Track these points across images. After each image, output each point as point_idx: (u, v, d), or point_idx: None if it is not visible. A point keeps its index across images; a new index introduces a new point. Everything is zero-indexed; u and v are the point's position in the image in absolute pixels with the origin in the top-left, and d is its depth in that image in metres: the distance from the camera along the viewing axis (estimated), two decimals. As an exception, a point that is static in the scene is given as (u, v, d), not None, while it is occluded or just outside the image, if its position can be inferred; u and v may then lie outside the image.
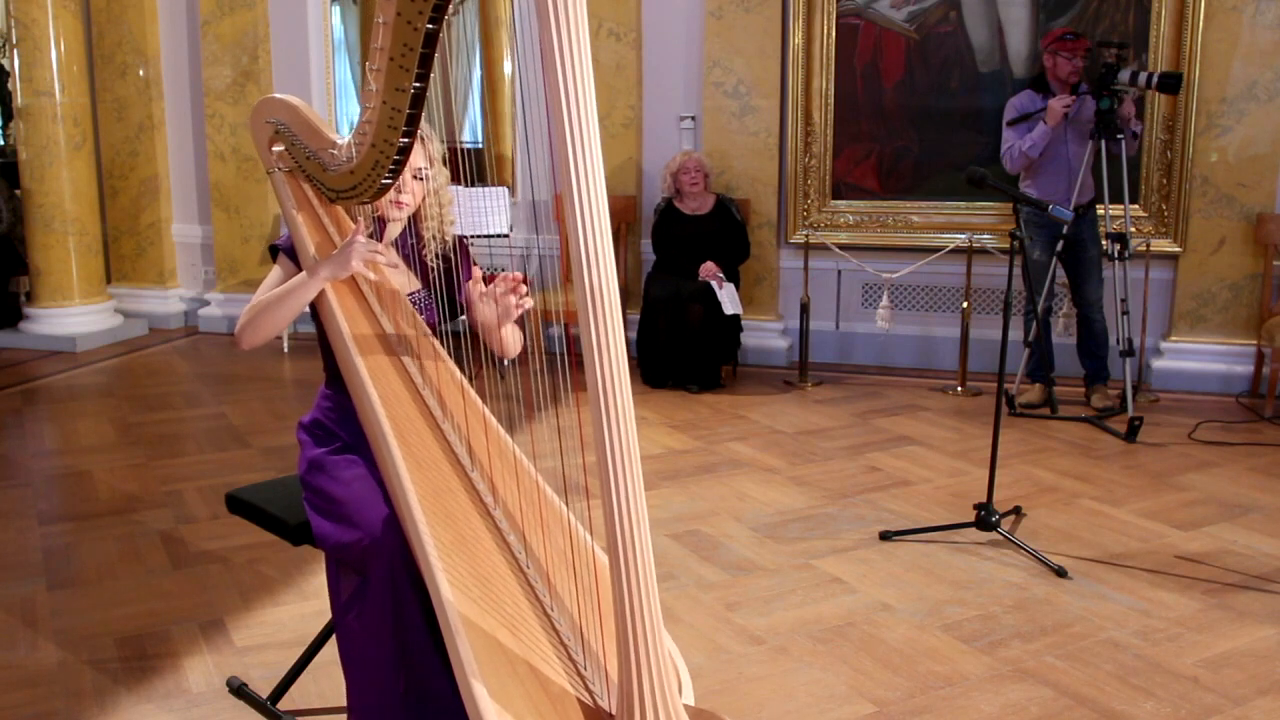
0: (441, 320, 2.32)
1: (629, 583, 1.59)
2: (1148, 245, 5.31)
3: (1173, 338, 5.44)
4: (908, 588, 3.20)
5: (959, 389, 5.45)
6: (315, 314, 2.25)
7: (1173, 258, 5.42)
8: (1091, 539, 3.57)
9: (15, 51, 6.36)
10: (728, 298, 5.41)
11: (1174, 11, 5.23)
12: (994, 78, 5.60)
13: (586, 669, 1.78)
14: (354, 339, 2.13)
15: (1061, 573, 3.27)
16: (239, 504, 2.44)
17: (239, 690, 2.57)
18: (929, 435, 4.73)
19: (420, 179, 2.26)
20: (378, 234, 2.31)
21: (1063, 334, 5.44)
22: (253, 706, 2.52)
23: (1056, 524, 3.70)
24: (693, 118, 6.02)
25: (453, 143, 6.74)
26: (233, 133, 6.80)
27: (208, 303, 7.09)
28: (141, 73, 6.92)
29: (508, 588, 1.87)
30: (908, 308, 5.90)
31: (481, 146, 7.09)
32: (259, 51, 6.68)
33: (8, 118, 7.66)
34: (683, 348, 5.44)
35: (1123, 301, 4.93)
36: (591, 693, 1.75)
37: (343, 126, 6.84)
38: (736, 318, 5.48)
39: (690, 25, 5.94)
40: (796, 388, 5.58)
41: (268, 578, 3.25)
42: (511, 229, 6.15)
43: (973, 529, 3.52)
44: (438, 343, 2.26)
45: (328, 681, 2.58)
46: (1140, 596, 3.13)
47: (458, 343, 2.22)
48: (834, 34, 5.75)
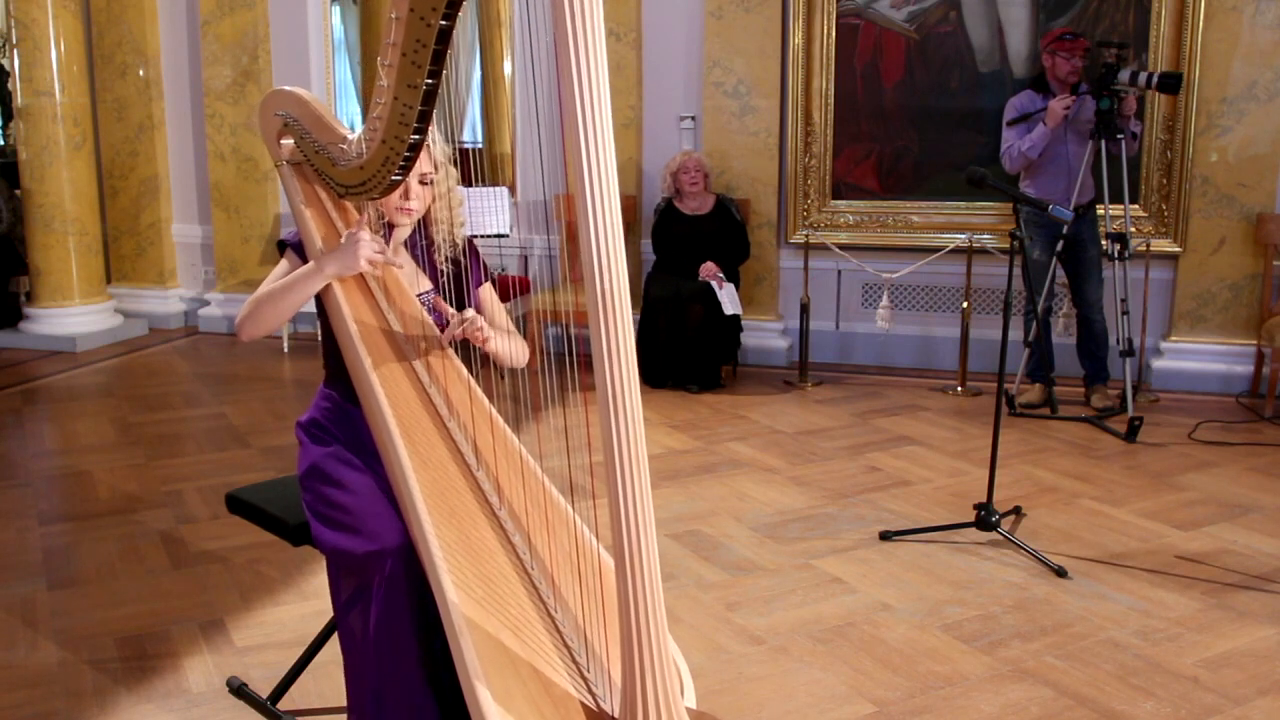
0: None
1: (635, 586, 1.59)
2: (1148, 245, 5.31)
3: (1173, 338, 5.44)
4: (908, 588, 3.20)
5: (959, 389, 5.45)
6: (321, 310, 2.24)
7: (1173, 258, 5.42)
8: (1091, 539, 3.57)
9: (15, 51, 6.35)
10: (728, 298, 5.41)
11: (1174, 11, 5.23)
12: (994, 78, 5.60)
13: (590, 671, 1.78)
14: (361, 336, 2.12)
15: (1061, 573, 3.27)
16: (239, 504, 2.44)
17: (239, 690, 2.57)
18: (929, 435, 4.74)
19: (426, 184, 2.25)
20: (386, 235, 2.31)
21: (1063, 334, 5.44)
22: (253, 706, 2.52)
23: (1056, 524, 3.70)
24: (693, 118, 6.02)
25: (453, 142, 6.74)
26: (233, 133, 6.79)
27: (208, 303, 7.09)
28: (141, 73, 6.91)
29: (512, 588, 1.86)
30: (908, 308, 5.90)
31: (481, 146, 7.09)
32: (259, 51, 6.68)
33: (8, 118, 7.66)
34: (683, 348, 5.44)
35: (1123, 301, 4.93)
36: (595, 695, 1.74)
37: (342, 126, 6.83)
38: (736, 318, 5.48)
39: (690, 25, 5.94)
40: (796, 388, 5.58)
41: (268, 578, 3.25)
42: (512, 229, 6.15)
43: (973, 529, 3.53)
44: (445, 341, 2.25)
45: (328, 681, 2.58)
46: (1140, 596, 3.14)
47: (464, 343, 2.22)
48: (834, 34, 5.75)
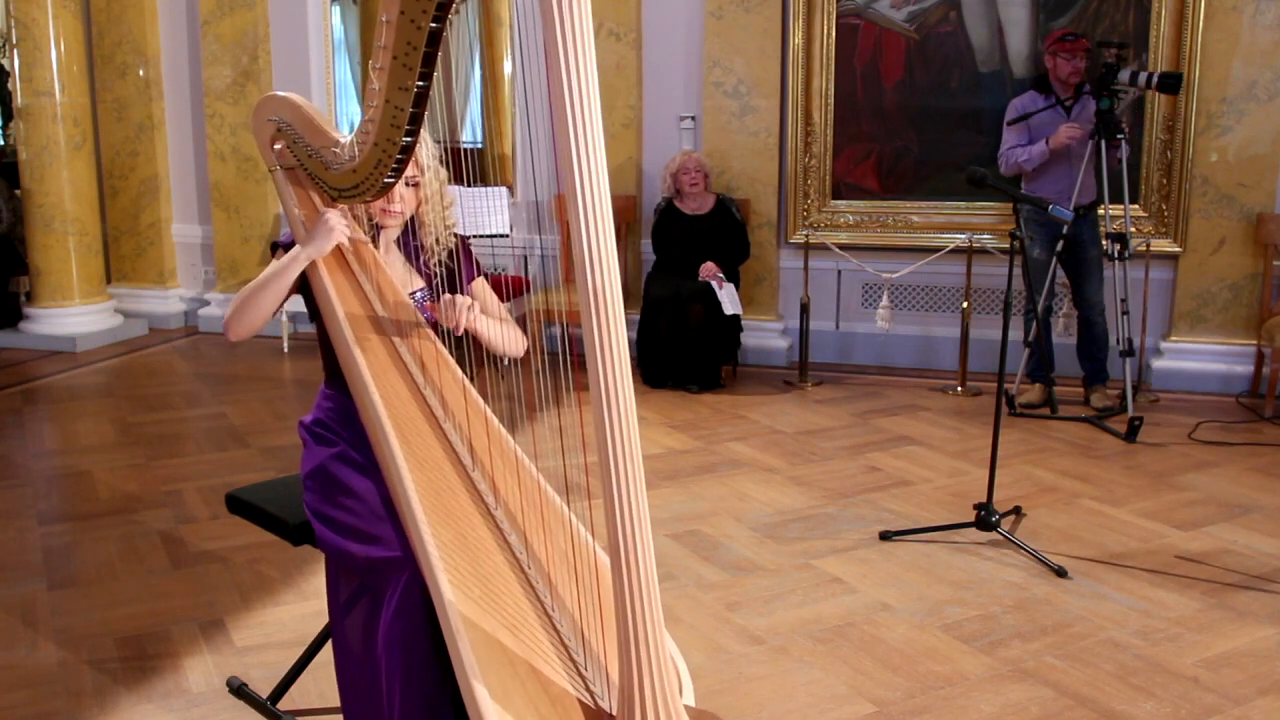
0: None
1: (630, 583, 1.59)
2: (1148, 245, 5.31)
3: (1173, 338, 5.44)
4: (908, 588, 3.20)
5: (959, 389, 5.45)
6: (316, 313, 2.25)
7: (1173, 258, 5.42)
8: (1091, 539, 3.57)
9: (15, 51, 6.35)
10: (728, 298, 5.40)
11: (1174, 11, 5.23)
12: (994, 78, 5.60)
13: (587, 669, 1.78)
14: (355, 338, 2.13)
15: (1061, 573, 3.27)
16: (239, 504, 2.44)
17: (239, 690, 2.57)
18: (929, 435, 4.73)
19: (412, 185, 2.25)
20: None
21: (1063, 334, 5.44)
22: (253, 706, 2.53)
23: (1056, 524, 3.70)
24: (693, 118, 6.02)
25: (453, 142, 6.76)
26: (233, 133, 6.80)
27: (208, 303, 7.09)
28: (141, 73, 6.92)
29: (509, 588, 1.86)
30: (908, 308, 5.90)
31: (482, 146, 7.09)
32: (259, 51, 6.68)
33: (8, 118, 7.66)
34: (683, 348, 5.44)
35: (1123, 301, 4.93)
36: (592, 693, 1.75)
37: (342, 126, 6.83)
38: (736, 318, 5.48)
39: (690, 25, 5.94)
40: (796, 388, 5.58)
41: (268, 578, 3.25)
42: (511, 229, 6.15)
43: (973, 529, 3.53)
44: (439, 341, 2.25)
45: (328, 682, 2.57)
46: (1140, 596, 3.13)
47: (458, 342, 2.22)
48: (834, 34, 5.75)
